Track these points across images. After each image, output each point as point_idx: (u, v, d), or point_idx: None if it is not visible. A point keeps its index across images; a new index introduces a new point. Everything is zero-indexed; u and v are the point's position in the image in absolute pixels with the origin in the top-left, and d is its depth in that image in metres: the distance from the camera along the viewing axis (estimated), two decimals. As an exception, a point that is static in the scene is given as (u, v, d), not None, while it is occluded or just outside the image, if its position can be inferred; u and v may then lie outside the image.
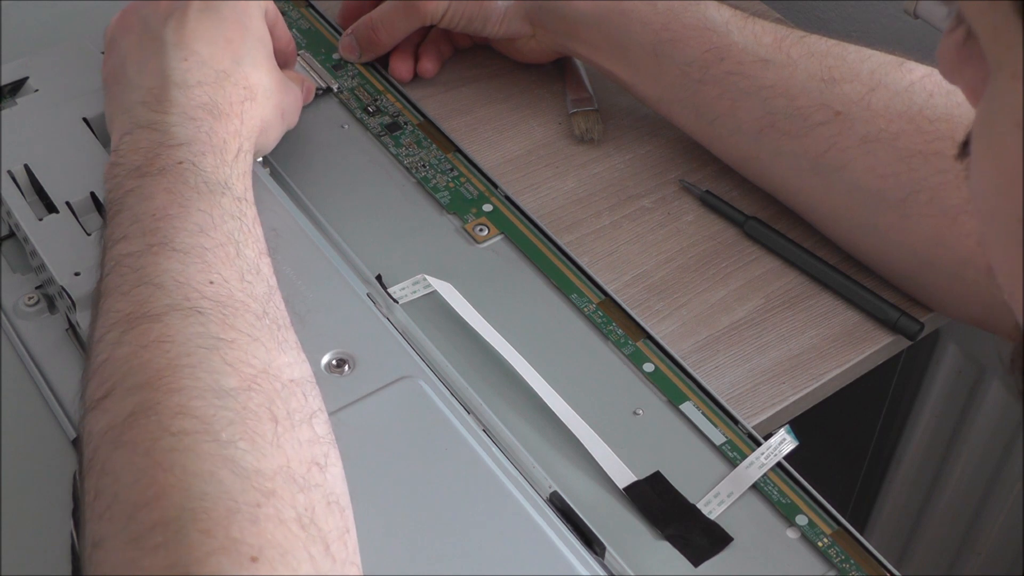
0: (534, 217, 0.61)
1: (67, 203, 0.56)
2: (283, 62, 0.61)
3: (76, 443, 0.41)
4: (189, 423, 0.39)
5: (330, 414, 0.47)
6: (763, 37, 0.61)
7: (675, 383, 0.54)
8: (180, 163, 0.48)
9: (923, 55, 0.59)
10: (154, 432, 0.39)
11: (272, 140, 0.57)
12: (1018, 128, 0.28)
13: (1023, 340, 0.33)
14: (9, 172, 0.57)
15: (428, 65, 0.70)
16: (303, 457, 0.41)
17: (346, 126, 0.66)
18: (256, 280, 0.46)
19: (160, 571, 0.36)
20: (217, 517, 0.37)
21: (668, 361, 0.55)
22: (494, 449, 0.48)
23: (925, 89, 0.57)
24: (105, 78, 0.56)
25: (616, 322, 0.56)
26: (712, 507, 0.49)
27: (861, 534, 0.48)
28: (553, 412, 0.52)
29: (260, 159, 0.60)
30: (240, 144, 0.52)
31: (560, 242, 0.60)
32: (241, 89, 0.53)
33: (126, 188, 0.48)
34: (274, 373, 0.43)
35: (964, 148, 0.32)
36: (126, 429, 0.39)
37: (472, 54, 0.73)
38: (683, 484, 0.50)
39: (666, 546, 0.48)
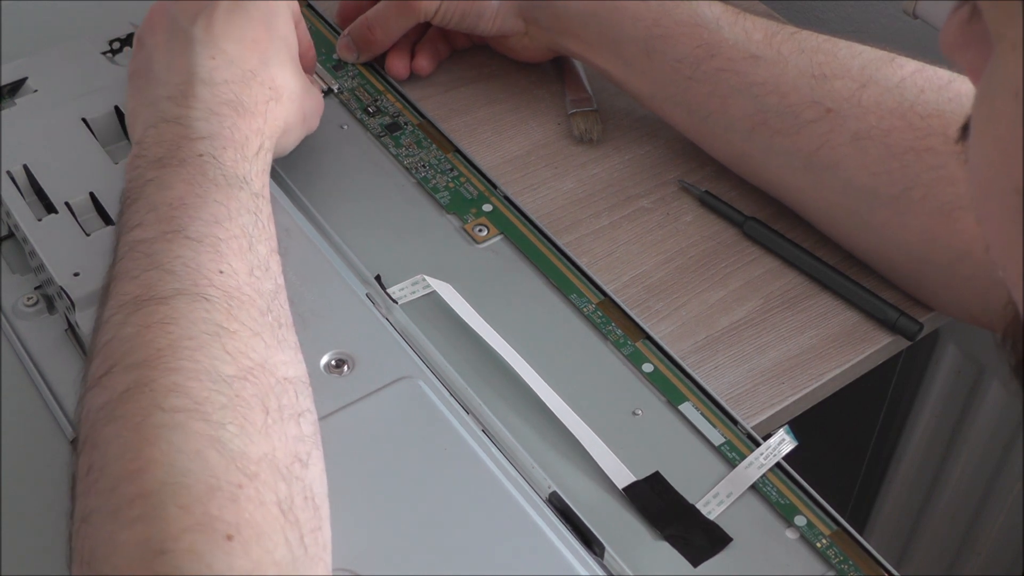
0: (533, 217, 0.61)
1: (66, 203, 0.56)
2: (302, 65, 0.61)
3: (75, 442, 0.41)
4: (181, 401, 0.39)
5: (329, 414, 0.47)
6: (754, 33, 0.61)
7: (674, 383, 0.54)
8: (200, 156, 0.49)
9: (922, 55, 0.59)
10: (146, 407, 0.39)
11: (291, 143, 0.57)
12: (1016, 98, 0.28)
13: (1014, 316, 0.33)
14: (8, 172, 0.57)
15: (423, 63, 0.71)
16: (288, 450, 0.41)
17: (346, 126, 0.66)
18: (264, 276, 0.47)
19: (135, 545, 0.36)
20: (197, 494, 0.37)
21: (667, 361, 0.55)
22: (493, 449, 0.48)
23: (916, 85, 0.57)
24: (131, 73, 0.56)
25: (615, 322, 0.56)
26: (711, 507, 0.49)
27: (860, 534, 0.48)
28: (552, 412, 0.52)
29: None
30: (261, 142, 0.52)
31: (559, 242, 0.60)
32: (267, 89, 0.53)
33: (146, 178, 0.48)
34: (270, 369, 0.43)
35: (964, 131, 0.32)
36: (120, 404, 0.39)
37: (471, 55, 0.73)
38: (682, 484, 0.50)
39: (665, 546, 0.48)
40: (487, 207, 0.62)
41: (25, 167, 0.57)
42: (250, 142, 0.51)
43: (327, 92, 0.67)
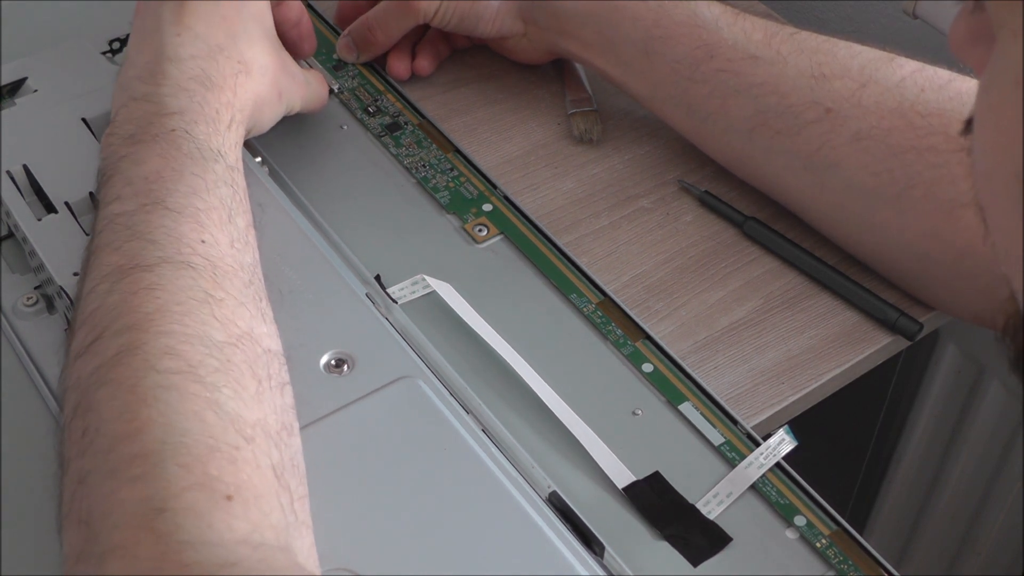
0: (533, 217, 0.61)
1: (66, 203, 0.56)
2: (292, 32, 0.61)
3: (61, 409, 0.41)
4: (175, 363, 0.40)
5: (329, 414, 0.47)
6: (753, 34, 0.61)
7: (674, 383, 0.54)
8: (173, 131, 0.49)
9: (922, 55, 0.59)
10: (140, 369, 0.39)
11: (269, 118, 0.57)
12: (1016, 86, 0.29)
13: (1015, 309, 0.33)
14: (8, 172, 0.57)
15: (424, 63, 0.71)
16: (277, 418, 0.42)
17: (345, 126, 0.66)
18: (244, 249, 0.47)
19: (135, 502, 0.36)
20: (197, 454, 0.37)
21: (667, 361, 0.55)
22: (493, 449, 0.48)
23: (916, 84, 0.57)
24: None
25: (615, 322, 0.56)
26: (711, 507, 0.49)
27: (860, 534, 0.48)
28: (552, 412, 0.52)
29: (259, 159, 0.60)
30: (232, 115, 0.52)
31: (559, 242, 0.60)
32: (235, 63, 0.53)
33: (120, 155, 0.48)
34: (256, 339, 0.43)
35: (968, 125, 0.33)
36: (112, 367, 0.40)
37: (471, 55, 0.73)
38: (682, 484, 0.50)
39: (665, 546, 0.48)
40: (487, 207, 0.62)
41: (25, 167, 0.57)
42: (221, 116, 0.51)
43: (328, 92, 0.67)
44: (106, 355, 0.40)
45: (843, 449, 0.87)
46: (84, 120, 0.60)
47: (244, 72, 0.53)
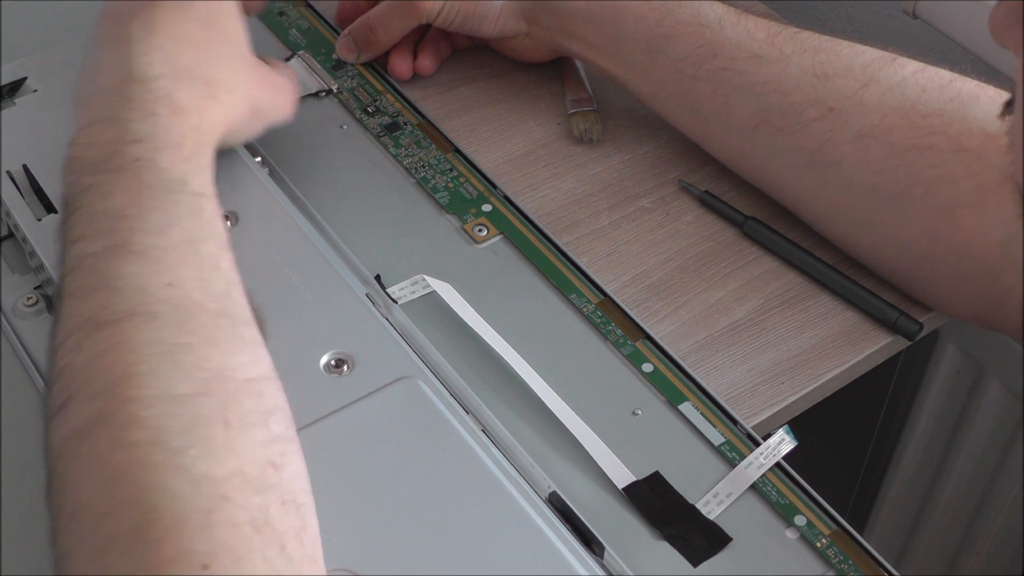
0: (533, 217, 0.61)
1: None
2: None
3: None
4: (141, 434, 0.39)
5: (329, 414, 0.47)
6: (756, 33, 0.61)
7: (674, 383, 0.54)
8: (137, 160, 0.47)
9: (922, 55, 0.59)
10: (108, 444, 0.39)
11: (244, 135, 0.56)
12: None
13: None
14: (8, 172, 0.57)
15: (426, 63, 0.71)
16: (257, 459, 0.40)
17: (345, 126, 0.66)
18: (214, 277, 0.46)
19: None
20: (167, 527, 0.37)
21: (667, 361, 0.55)
22: (493, 449, 0.48)
23: (918, 84, 0.57)
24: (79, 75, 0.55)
25: (615, 322, 0.56)
26: (711, 507, 0.49)
27: (860, 534, 0.48)
28: (552, 412, 0.52)
29: (259, 159, 0.60)
30: (199, 139, 0.50)
31: (559, 242, 0.60)
32: (202, 85, 0.51)
33: (84, 184, 0.47)
34: (228, 375, 0.42)
35: (1007, 107, 0.33)
36: (83, 441, 0.40)
37: (471, 54, 0.73)
38: (682, 484, 0.50)
39: (665, 546, 0.48)
40: (487, 207, 0.62)
41: (25, 167, 0.57)
42: (186, 140, 0.50)
43: (327, 92, 0.67)
44: (77, 423, 0.40)
45: (843, 449, 0.87)
46: (84, 120, 0.60)
47: (211, 95, 0.52)
